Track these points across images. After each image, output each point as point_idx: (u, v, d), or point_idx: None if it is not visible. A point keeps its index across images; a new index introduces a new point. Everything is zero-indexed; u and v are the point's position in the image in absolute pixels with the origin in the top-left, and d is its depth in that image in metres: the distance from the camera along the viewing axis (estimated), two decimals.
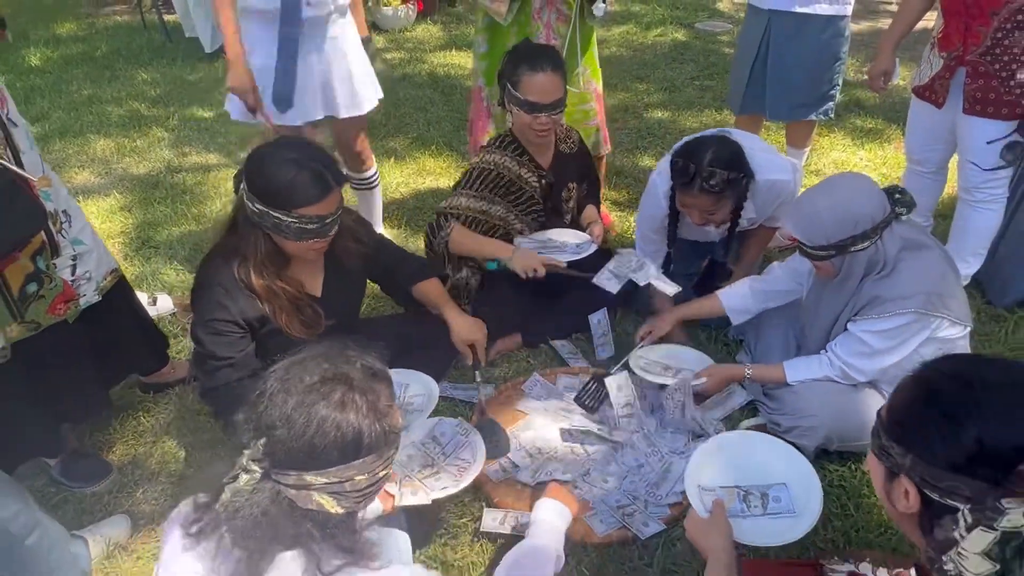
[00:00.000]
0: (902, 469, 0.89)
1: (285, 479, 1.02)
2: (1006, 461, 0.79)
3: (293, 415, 1.02)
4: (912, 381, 0.93)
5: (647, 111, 4.32)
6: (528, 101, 2.24)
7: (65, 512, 1.98)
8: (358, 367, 1.09)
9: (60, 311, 1.85)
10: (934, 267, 1.78)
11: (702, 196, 2.07)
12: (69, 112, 4.56)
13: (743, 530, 1.49)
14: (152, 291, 2.80)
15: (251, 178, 1.72)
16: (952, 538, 0.81)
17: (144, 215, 3.42)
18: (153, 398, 2.34)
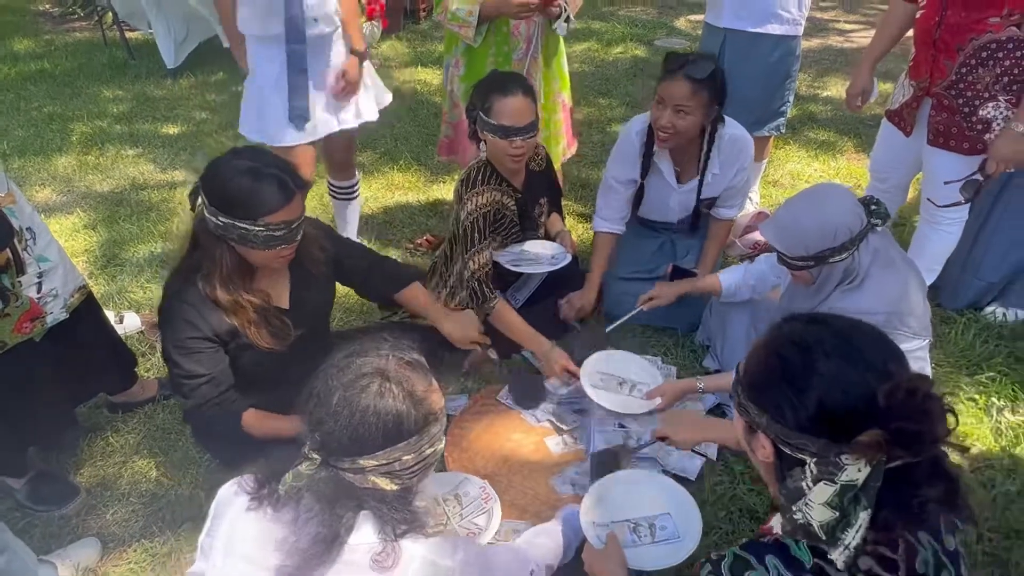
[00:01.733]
0: (759, 426, 0.97)
1: (341, 465, 1.12)
2: (842, 422, 0.87)
3: (338, 410, 1.11)
4: (762, 346, 1.00)
5: (610, 125, 4.38)
6: (502, 126, 2.21)
7: (32, 536, 1.91)
8: (392, 359, 1.18)
9: (26, 329, 1.79)
10: (898, 286, 1.80)
11: (683, 83, 2.19)
12: (29, 129, 4.44)
13: (636, 557, 1.58)
14: (119, 309, 2.73)
15: (210, 191, 1.68)
16: (801, 488, 0.89)
17: (109, 233, 3.33)
18: (122, 418, 2.27)
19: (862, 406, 0.88)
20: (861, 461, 0.84)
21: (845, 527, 0.86)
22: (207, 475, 2.06)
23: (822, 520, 0.87)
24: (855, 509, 0.85)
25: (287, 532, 1.09)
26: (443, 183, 3.75)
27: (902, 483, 0.87)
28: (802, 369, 0.92)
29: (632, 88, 4.90)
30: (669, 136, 2.29)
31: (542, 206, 2.57)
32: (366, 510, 1.12)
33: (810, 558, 0.90)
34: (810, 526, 0.88)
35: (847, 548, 0.86)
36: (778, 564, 0.91)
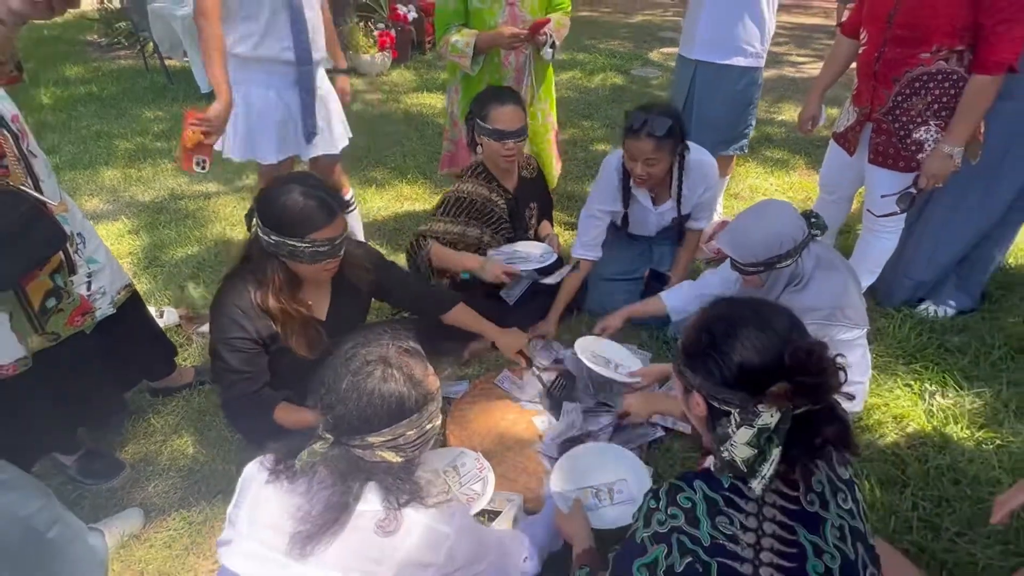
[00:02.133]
0: (693, 387, 1.05)
1: (351, 442, 1.14)
2: (758, 378, 0.97)
3: (346, 395, 1.13)
4: (696, 322, 1.10)
5: (592, 144, 4.38)
6: (496, 130, 2.28)
7: (82, 507, 1.89)
8: (392, 348, 1.19)
9: (78, 323, 1.77)
10: (838, 284, 1.83)
11: (647, 141, 2.15)
12: (78, 146, 4.38)
13: (598, 518, 1.64)
14: (159, 305, 2.70)
15: (264, 213, 1.69)
16: (727, 433, 0.98)
17: (151, 238, 3.30)
18: (162, 401, 2.25)
19: (772, 365, 0.98)
20: (773, 408, 0.94)
21: (762, 461, 0.95)
22: (238, 452, 2.04)
23: (744, 456, 0.96)
24: (769, 447, 0.94)
25: (302, 501, 1.10)
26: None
27: (806, 425, 0.96)
28: (725, 338, 1.02)
29: (611, 111, 4.89)
30: (644, 182, 2.30)
31: (532, 210, 2.58)
32: (373, 481, 1.13)
33: (729, 480, 1.01)
34: (735, 462, 0.97)
35: (763, 478, 0.95)
36: (703, 485, 1.02)
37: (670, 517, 1.02)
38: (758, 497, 0.99)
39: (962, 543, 1.75)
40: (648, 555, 1.02)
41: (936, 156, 2.12)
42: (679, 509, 1.01)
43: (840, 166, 2.51)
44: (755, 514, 0.99)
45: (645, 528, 1.04)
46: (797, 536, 0.98)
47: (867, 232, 2.50)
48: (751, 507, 0.99)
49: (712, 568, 0.96)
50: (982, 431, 2.09)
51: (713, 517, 0.99)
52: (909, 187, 2.23)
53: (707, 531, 0.98)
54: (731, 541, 0.97)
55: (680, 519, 1.01)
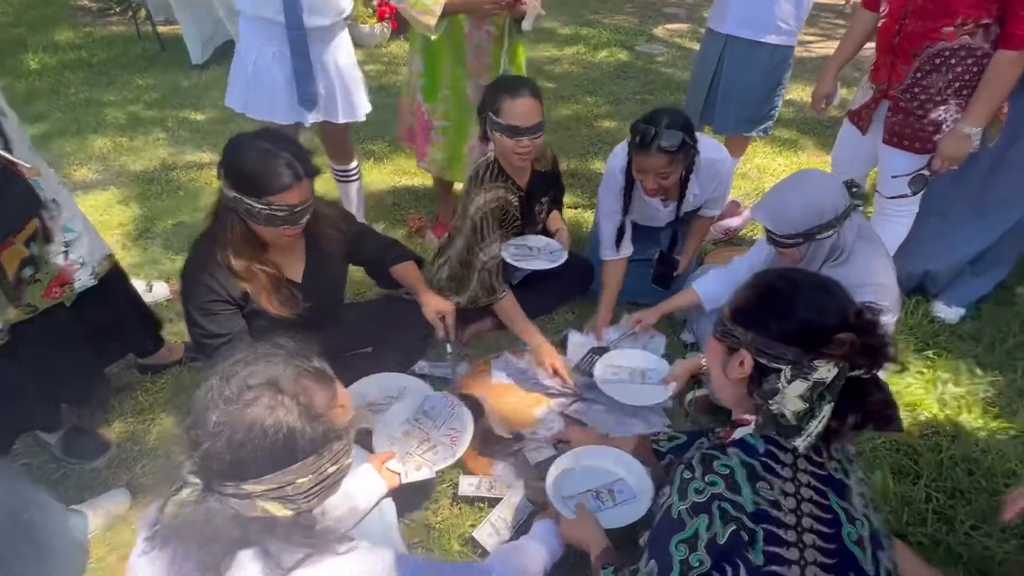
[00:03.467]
0: (741, 344, 1.04)
1: (224, 490, 0.88)
2: (819, 335, 0.97)
3: (217, 428, 0.86)
4: (752, 284, 1.09)
5: (596, 121, 4.24)
6: (510, 126, 2.06)
7: (66, 487, 1.80)
8: (288, 369, 0.92)
9: (56, 294, 1.66)
10: (880, 260, 1.73)
11: (658, 156, 1.98)
12: (67, 113, 4.22)
13: (605, 520, 1.54)
14: (149, 279, 2.59)
15: (226, 166, 1.57)
16: (776, 388, 0.97)
17: (141, 208, 3.17)
18: (150, 378, 2.15)
19: (834, 323, 0.97)
20: (830, 364, 0.93)
21: (810, 418, 0.94)
22: None
23: (795, 409, 0.95)
24: (821, 403, 0.94)
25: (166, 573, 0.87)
26: None
27: (853, 390, 0.96)
28: (789, 294, 1.03)
29: (615, 88, 4.74)
30: (656, 193, 2.15)
31: (543, 204, 2.43)
32: (248, 549, 0.87)
33: (763, 444, 1.00)
34: (783, 416, 0.95)
35: (809, 436, 0.94)
36: (738, 451, 1.00)
37: (708, 484, 0.97)
38: (792, 462, 0.97)
39: (977, 536, 1.68)
40: (687, 529, 0.97)
41: (953, 136, 2.01)
42: (717, 476, 0.97)
43: (853, 146, 2.40)
44: (791, 479, 0.97)
45: (681, 500, 0.99)
46: (829, 502, 0.96)
47: (879, 216, 2.40)
48: (787, 472, 0.97)
49: (758, 536, 0.93)
50: (996, 420, 2.02)
51: (754, 482, 0.96)
52: (922, 168, 2.12)
53: (750, 496, 0.95)
54: (774, 507, 0.94)
55: (720, 485, 0.96)
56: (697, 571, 0.96)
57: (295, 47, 2.20)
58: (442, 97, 2.52)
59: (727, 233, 2.94)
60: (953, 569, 1.61)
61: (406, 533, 1.67)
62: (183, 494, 0.87)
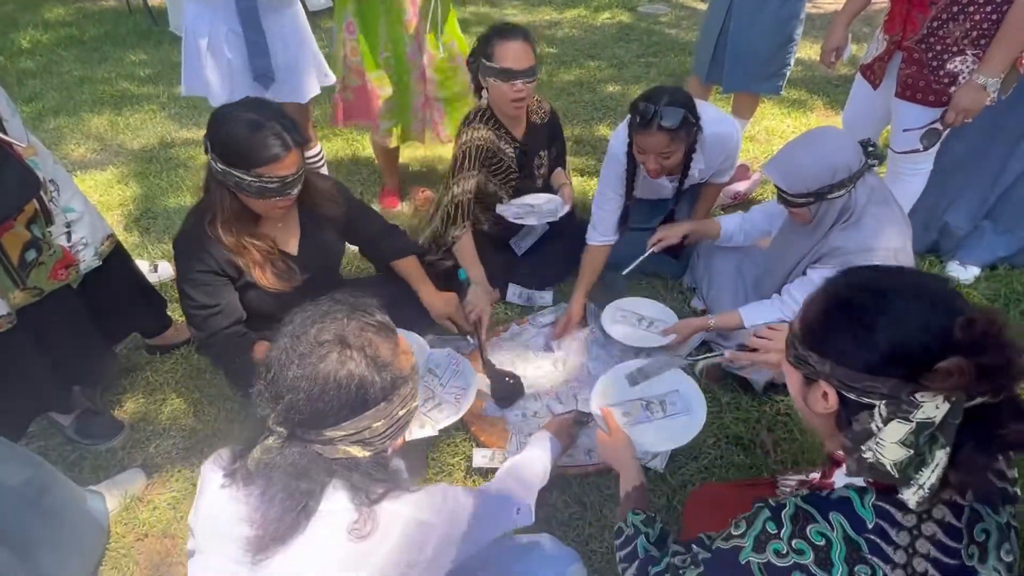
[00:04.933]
0: (820, 375, 0.83)
1: (308, 437, 0.95)
2: (916, 360, 0.74)
3: (295, 382, 0.92)
4: (824, 294, 0.86)
5: (599, 86, 4.14)
6: (504, 69, 2.03)
7: (82, 469, 1.81)
8: (352, 323, 0.98)
9: (62, 276, 1.64)
10: (895, 223, 1.69)
11: (659, 135, 1.90)
12: (62, 92, 4.14)
13: (656, 438, 1.49)
14: (152, 258, 2.57)
15: (213, 138, 1.52)
16: (869, 430, 0.77)
17: (141, 187, 3.13)
18: (160, 359, 2.14)
19: (936, 342, 0.74)
20: (939, 398, 0.72)
21: (920, 466, 0.74)
22: (240, 408, 1.95)
23: (895, 459, 0.74)
24: (931, 448, 0.73)
25: (257, 506, 0.92)
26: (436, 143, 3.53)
27: (980, 424, 0.73)
28: (871, 309, 0.79)
29: (618, 51, 4.61)
30: (658, 173, 2.07)
31: (542, 158, 2.38)
32: (337, 479, 0.94)
33: (872, 517, 0.79)
34: (881, 465, 0.76)
35: (921, 488, 0.74)
36: (842, 521, 0.79)
37: (794, 552, 0.80)
38: (908, 544, 0.77)
39: None
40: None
41: (969, 88, 1.93)
42: (807, 544, 0.80)
43: (865, 102, 2.32)
44: (903, 566, 0.77)
45: (756, 553, 0.84)
46: None
47: (892, 175, 2.33)
48: (899, 556, 0.77)
49: None
50: None
51: (852, 565, 0.78)
52: (934, 122, 2.05)
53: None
54: None
55: (807, 557, 0.79)
56: None
57: (246, 19, 2.11)
58: (383, 60, 2.44)
59: (736, 198, 2.88)
60: None
61: None
62: (269, 441, 0.93)
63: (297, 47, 2.29)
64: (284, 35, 2.24)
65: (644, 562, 1.07)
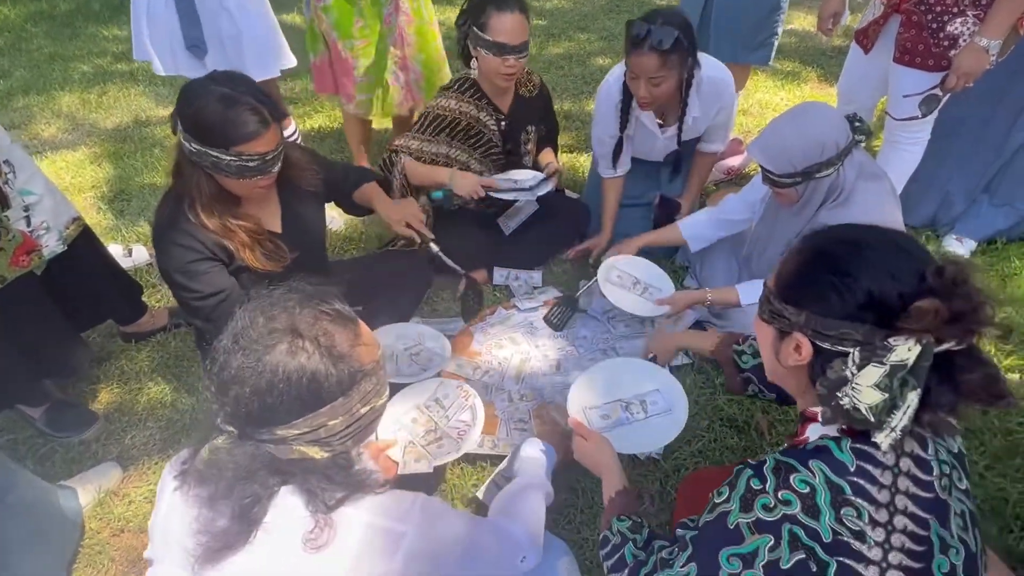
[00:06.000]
0: (795, 327, 0.86)
1: (259, 436, 0.86)
2: (890, 307, 0.78)
3: (240, 374, 0.84)
4: (799, 251, 0.89)
5: (589, 59, 4.02)
6: (497, 43, 1.91)
7: (53, 463, 1.74)
8: (306, 312, 0.89)
9: (24, 263, 1.55)
10: (883, 199, 1.63)
11: (650, 56, 1.84)
12: (31, 70, 3.97)
13: (635, 439, 1.46)
14: (127, 242, 2.46)
15: (185, 117, 1.40)
16: (844, 377, 0.80)
17: (115, 168, 3.00)
18: (136, 347, 2.06)
19: (909, 289, 0.78)
20: (911, 341, 0.75)
21: (893, 409, 0.78)
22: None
23: (871, 403, 0.78)
24: (903, 391, 0.77)
25: (205, 512, 0.86)
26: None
27: (946, 368, 0.77)
28: (850, 259, 0.82)
29: (609, 23, 4.47)
30: (649, 104, 1.99)
31: (529, 133, 2.28)
32: (291, 483, 0.87)
33: (853, 460, 0.81)
34: (857, 410, 0.79)
35: (893, 430, 0.78)
36: (823, 467, 0.81)
37: (781, 503, 0.81)
38: (891, 483, 0.80)
39: (991, 477, 1.64)
40: (745, 544, 0.83)
41: (970, 51, 1.86)
42: (794, 494, 0.81)
43: (861, 70, 2.24)
44: (886, 505, 0.80)
45: (744, 513, 0.84)
46: (929, 532, 0.80)
47: (888, 145, 2.27)
48: (883, 496, 0.80)
49: (830, 569, 0.79)
50: (1010, 358, 1.96)
51: (838, 508, 0.80)
52: (934, 87, 1.98)
53: (829, 524, 0.79)
54: (857, 539, 0.79)
55: (795, 506, 0.80)
56: None
57: None
58: (358, 30, 2.31)
59: (729, 173, 2.81)
60: None
61: None
62: (218, 441, 0.88)
63: (253, 19, 2.17)
64: (233, 6, 2.13)
65: (633, 569, 1.04)
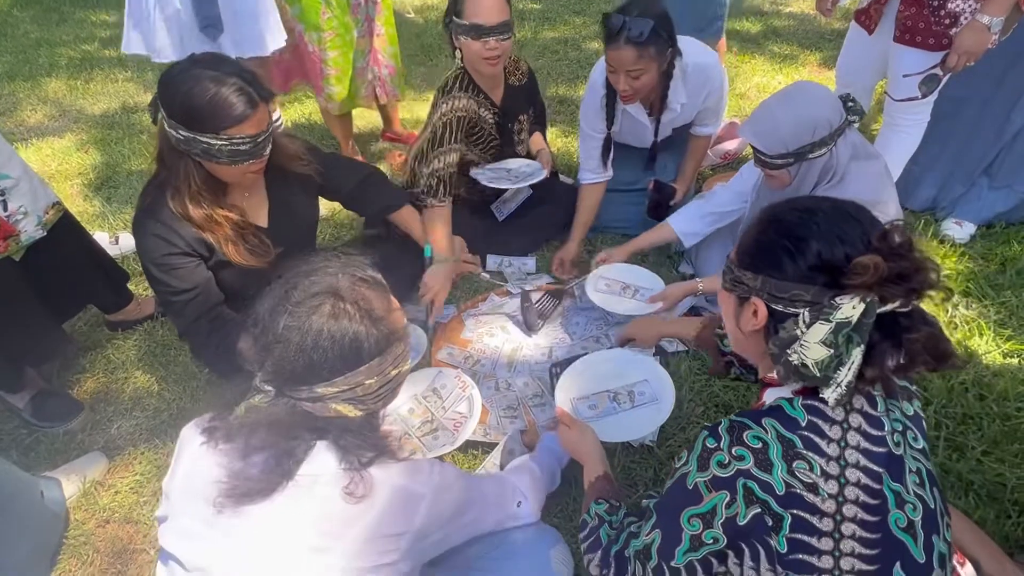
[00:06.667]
0: (752, 292, 0.90)
1: (298, 394, 0.91)
2: (838, 268, 0.82)
3: (286, 334, 0.89)
4: (758, 222, 0.94)
5: (584, 43, 3.96)
6: (474, 25, 1.85)
7: (38, 453, 1.70)
8: (344, 278, 0.95)
9: (0, 248, 1.51)
10: (878, 180, 1.59)
11: (626, 49, 1.79)
12: (17, 56, 3.91)
13: (621, 428, 1.47)
14: (114, 230, 2.42)
15: (169, 103, 1.34)
16: (794, 335, 0.84)
17: (102, 155, 2.95)
18: (122, 336, 2.02)
19: (856, 251, 0.82)
20: (856, 299, 0.79)
21: (839, 365, 0.81)
22: (206, 387, 1.85)
23: (817, 358, 0.82)
24: (848, 347, 0.81)
25: (237, 464, 0.89)
26: (425, 101, 3.36)
27: (890, 328, 0.82)
28: (801, 225, 0.87)
29: (606, 6, 4.41)
30: (630, 97, 1.95)
31: (522, 122, 2.23)
32: (324, 440, 0.92)
33: (804, 416, 0.85)
34: (805, 367, 0.82)
35: (839, 386, 0.81)
36: (775, 424, 0.85)
37: (735, 459, 0.84)
38: (840, 437, 0.83)
39: (989, 463, 1.62)
40: (704, 503, 0.86)
41: (971, 29, 1.82)
42: (747, 449, 0.84)
43: (860, 50, 2.20)
44: (837, 458, 0.83)
45: (701, 472, 0.87)
46: (882, 485, 0.83)
47: (887, 128, 2.22)
48: (833, 449, 0.83)
49: (785, 521, 0.81)
50: (1009, 343, 1.93)
51: (790, 461, 0.83)
52: (935, 66, 1.94)
53: (781, 477, 0.82)
54: (810, 491, 0.81)
55: (748, 461, 0.83)
56: (710, 548, 0.86)
57: None
58: (326, 20, 2.25)
59: (725, 157, 2.77)
60: (964, 497, 1.55)
61: None
62: (255, 399, 0.90)
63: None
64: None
65: (606, 547, 1.05)
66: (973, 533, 1.36)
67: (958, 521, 1.37)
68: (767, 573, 0.83)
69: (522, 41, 3.95)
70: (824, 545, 0.81)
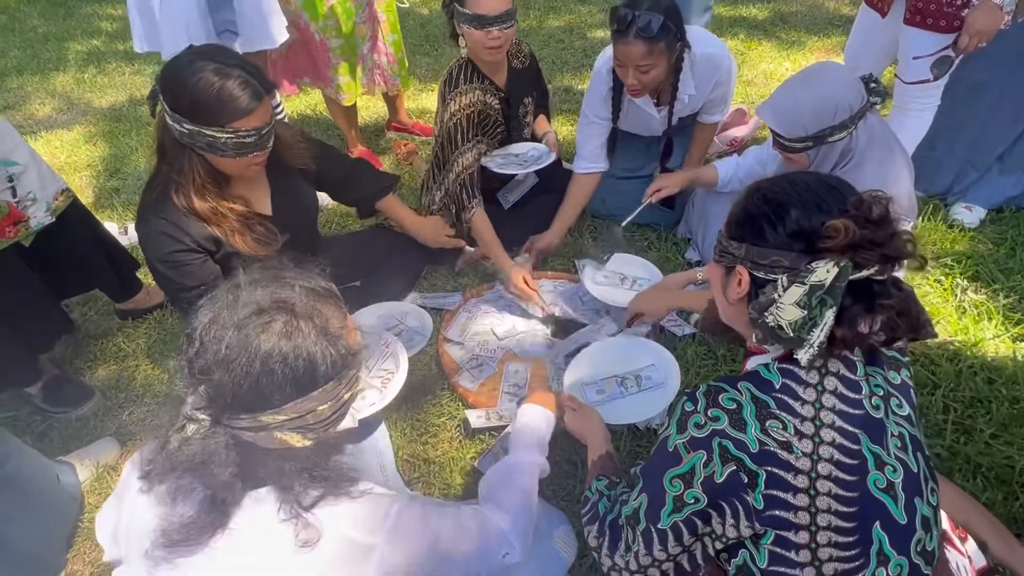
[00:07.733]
0: (738, 260, 0.92)
1: (238, 423, 0.79)
2: (815, 234, 0.84)
3: (231, 355, 0.77)
4: (744, 195, 0.96)
5: (590, 31, 3.94)
6: (477, 15, 1.85)
7: (51, 439, 1.73)
8: (298, 289, 0.84)
9: (10, 234, 1.54)
10: (893, 167, 1.57)
11: (636, 44, 1.77)
12: (25, 50, 3.94)
13: (627, 411, 1.49)
14: (122, 221, 2.44)
15: (172, 96, 1.33)
16: (772, 299, 0.86)
17: (110, 147, 2.97)
18: (132, 324, 2.04)
19: (832, 219, 0.83)
20: (830, 264, 0.81)
21: (812, 327, 0.83)
22: None
23: (791, 319, 0.84)
24: (821, 309, 0.82)
25: (169, 507, 0.80)
26: (431, 91, 3.36)
27: (864, 293, 0.84)
28: (780, 194, 0.90)
29: None
30: (639, 92, 1.92)
31: (527, 105, 2.22)
32: (265, 483, 0.82)
33: (779, 379, 0.87)
34: (780, 328, 0.85)
35: (812, 346, 0.83)
36: (749, 386, 0.88)
37: (710, 420, 0.87)
38: (814, 399, 0.85)
39: (997, 446, 1.61)
40: (683, 464, 0.88)
41: (983, 8, 1.80)
42: (721, 411, 0.86)
43: (870, 33, 2.17)
44: (811, 419, 0.85)
45: (680, 434, 0.89)
46: (860, 446, 0.84)
47: (898, 111, 2.20)
48: (807, 411, 0.85)
49: (760, 478, 0.83)
50: (1018, 327, 1.91)
51: (763, 420, 0.85)
52: (946, 48, 1.91)
53: (755, 435, 0.84)
54: (784, 449, 0.83)
55: (723, 422, 0.86)
56: (692, 508, 0.88)
57: None
58: (329, 9, 2.25)
59: (733, 144, 2.75)
60: (972, 480, 1.54)
61: (405, 469, 1.61)
62: (188, 431, 0.78)
63: None
64: None
65: (603, 518, 1.07)
66: (981, 515, 1.36)
67: (966, 503, 1.36)
68: (746, 530, 0.85)
69: (527, 29, 3.94)
70: (800, 501, 0.82)
